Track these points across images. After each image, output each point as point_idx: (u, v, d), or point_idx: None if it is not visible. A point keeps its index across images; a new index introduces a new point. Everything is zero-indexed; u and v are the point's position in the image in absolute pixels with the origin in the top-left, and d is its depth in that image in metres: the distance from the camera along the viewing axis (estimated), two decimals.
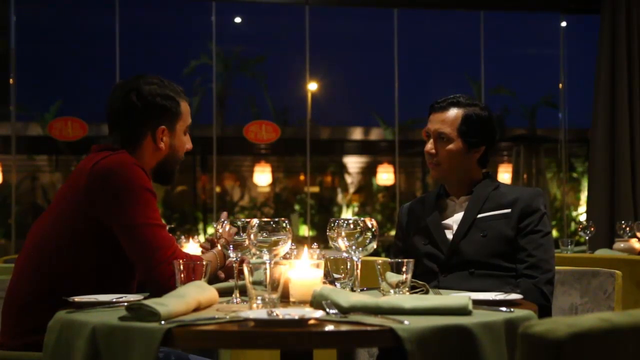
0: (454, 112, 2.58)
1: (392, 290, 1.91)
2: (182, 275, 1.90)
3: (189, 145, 2.40)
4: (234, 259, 1.99)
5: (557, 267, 2.78)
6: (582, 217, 10.62)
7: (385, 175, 12.35)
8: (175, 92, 2.32)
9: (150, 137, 2.28)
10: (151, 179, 2.32)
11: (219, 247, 2.09)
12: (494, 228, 2.50)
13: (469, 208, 2.56)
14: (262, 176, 12.33)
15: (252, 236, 1.86)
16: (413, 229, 2.65)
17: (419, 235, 2.61)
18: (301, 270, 1.88)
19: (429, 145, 2.60)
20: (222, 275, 2.26)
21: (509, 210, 2.51)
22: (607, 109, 6.81)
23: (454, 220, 2.58)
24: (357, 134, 13.67)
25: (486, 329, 1.59)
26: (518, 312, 1.73)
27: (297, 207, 13.22)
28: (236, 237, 1.97)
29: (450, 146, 2.57)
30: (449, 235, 2.55)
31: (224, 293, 2.01)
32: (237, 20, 10.91)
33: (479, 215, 2.53)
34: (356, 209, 13.68)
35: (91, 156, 2.22)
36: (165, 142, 2.30)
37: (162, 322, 1.58)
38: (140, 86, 2.27)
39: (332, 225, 1.99)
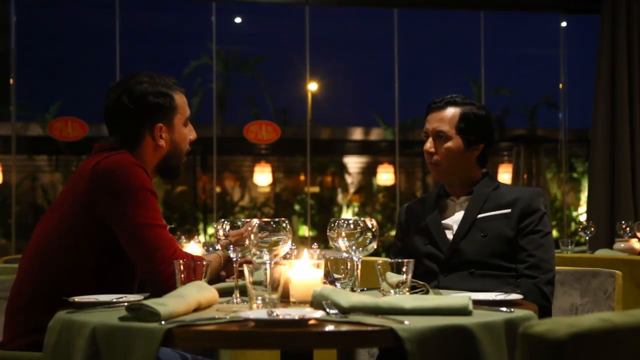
0: (451, 111, 2.60)
1: (392, 291, 1.91)
2: (182, 276, 1.90)
3: (192, 135, 2.38)
4: (235, 259, 1.99)
5: (557, 267, 2.79)
6: (582, 217, 10.63)
7: (385, 176, 12.34)
8: (168, 87, 2.30)
9: (149, 136, 2.28)
10: (154, 176, 2.32)
11: (219, 247, 2.09)
12: (494, 228, 2.50)
13: (469, 208, 2.56)
14: (262, 176, 12.32)
15: (252, 236, 1.86)
16: (413, 229, 2.65)
17: (419, 235, 2.61)
18: (301, 270, 1.88)
19: (428, 144, 2.61)
20: (224, 273, 2.26)
21: (509, 211, 2.51)
22: (607, 109, 6.81)
23: (454, 220, 2.58)
24: (357, 134, 13.66)
25: (486, 329, 1.59)
26: (518, 312, 1.73)
27: (297, 207, 13.22)
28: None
29: (449, 144, 2.58)
30: (449, 235, 2.56)
31: (224, 293, 2.01)
32: (237, 20, 10.91)
33: (479, 215, 2.53)
34: (356, 209, 13.67)
35: (92, 156, 2.22)
36: (165, 139, 2.29)
37: (162, 322, 1.58)
38: (131, 87, 2.26)
39: (332, 225, 1.99)
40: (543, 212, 2.52)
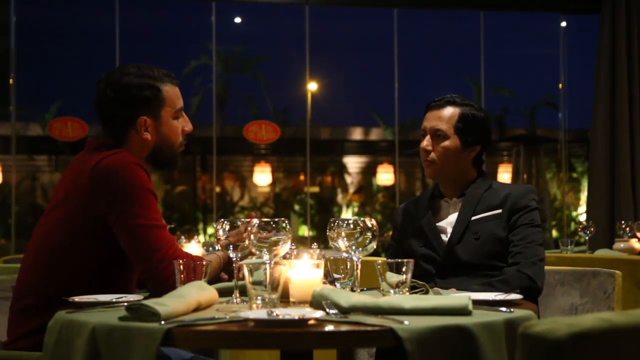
0: (450, 110, 2.60)
1: (392, 291, 1.91)
2: (182, 276, 1.90)
3: (187, 127, 2.34)
4: (235, 259, 1.99)
5: (557, 267, 2.79)
6: (582, 217, 10.63)
7: (385, 175, 12.34)
8: (155, 78, 2.26)
9: (133, 129, 2.25)
10: (151, 171, 2.30)
11: (219, 247, 2.09)
12: (487, 230, 2.51)
13: (462, 211, 2.57)
14: (262, 176, 12.33)
15: (252, 236, 1.86)
16: (408, 230, 2.66)
17: (415, 237, 2.62)
18: (301, 270, 1.88)
19: (425, 142, 2.61)
20: (225, 276, 2.26)
21: (500, 211, 2.53)
22: (607, 109, 6.81)
23: (448, 222, 2.59)
24: (357, 134, 13.67)
25: (486, 329, 1.59)
26: (518, 312, 1.73)
27: (297, 207, 13.23)
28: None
29: (447, 143, 2.58)
30: (444, 238, 2.56)
31: (224, 293, 2.01)
32: (237, 20, 10.91)
33: (473, 218, 2.54)
34: (356, 209, 13.68)
35: (91, 155, 2.21)
36: (150, 132, 2.26)
37: (162, 322, 1.58)
38: (117, 79, 2.23)
39: (332, 225, 1.98)
40: (532, 207, 2.53)
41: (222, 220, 2.04)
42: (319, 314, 1.60)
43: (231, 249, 1.99)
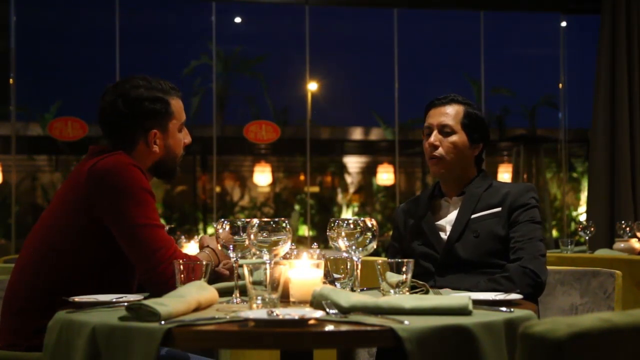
0: (455, 107, 2.62)
1: (392, 290, 1.91)
2: (182, 276, 1.90)
3: (187, 139, 2.38)
4: (234, 258, 1.99)
5: (557, 267, 2.80)
6: (582, 217, 10.63)
7: (385, 175, 12.34)
8: (164, 92, 2.28)
9: (142, 141, 2.26)
10: (151, 177, 2.31)
11: (219, 246, 2.09)
12: (486, 228, 2.52)
13: (461, 209, 2.57)
14: (262, 176, 12.32)
15: (252, 236, 1.86)
16: (408, 230, 2.67)
17: (414, 235, 2.63)
18: (301, 270, 1.88)
19: (433, 138, 2.60)
20: (226, 272, 2.25)
21: (499, 209, 2.54)
22: (607, 109, 6.81)
23: (447, 221, 2.60)
24: (357, 134, 13.66)
25: (486, 329, 1.59)
26: (518, 312, 1.73)
27: (297, 207, 13.22)
28: (236, 237, 1.96)
29: (455, 138, 2.59)
30: (444, 236, 2.57)
31: (224, 293, 2.01)
32: (237, 20, 10.91)
33: (472, 216, 2.54)
34: (356, 209, 13.67)
35: (88, 158, 2.21)
36: (159, 145, 2.28)
37: (162, 322, 1.58)
38: (127, 92, 2.24)
39: (332, 225, 1.99)
40: (532, 205, 2.53)
41: (222, 220, 2.03)
42: (319, 314, 1.60)
43: (231, 248, 1.99)
